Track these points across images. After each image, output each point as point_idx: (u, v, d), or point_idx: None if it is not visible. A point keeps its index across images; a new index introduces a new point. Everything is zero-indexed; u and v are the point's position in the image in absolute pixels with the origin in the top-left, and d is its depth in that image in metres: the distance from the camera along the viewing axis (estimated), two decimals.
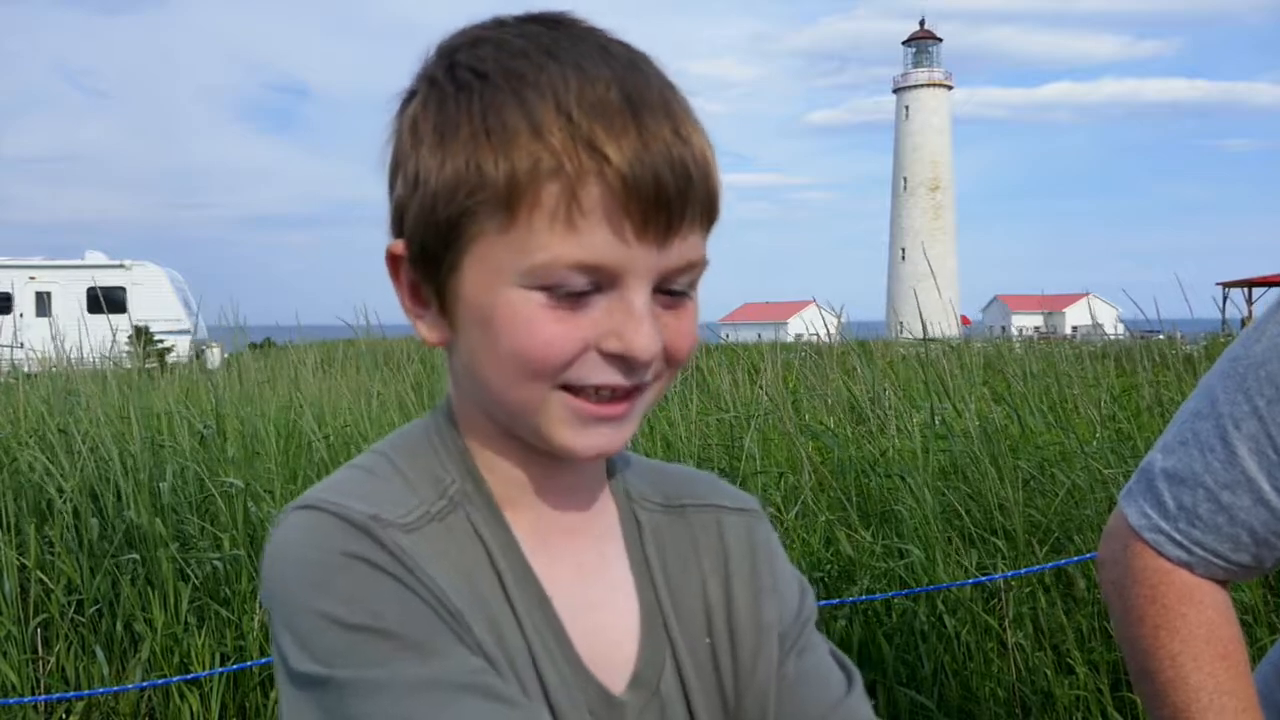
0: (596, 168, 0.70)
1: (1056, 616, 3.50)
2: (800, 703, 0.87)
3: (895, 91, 65.14)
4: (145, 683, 3.66)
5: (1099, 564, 1.24)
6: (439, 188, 0.74)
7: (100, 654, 3.74)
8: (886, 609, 3.67)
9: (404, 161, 0.76)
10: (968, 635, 3.49)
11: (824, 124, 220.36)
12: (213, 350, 10.54)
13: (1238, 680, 1.11)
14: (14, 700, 3.55)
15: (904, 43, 66.52)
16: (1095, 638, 3.43)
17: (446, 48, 0.77)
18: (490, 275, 0.73)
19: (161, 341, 14.35)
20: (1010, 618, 3.42)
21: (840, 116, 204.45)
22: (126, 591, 3.90)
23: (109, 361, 7.34)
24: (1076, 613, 3.51)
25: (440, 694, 0.70)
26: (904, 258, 60.31)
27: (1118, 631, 1.20)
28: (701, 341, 0.83)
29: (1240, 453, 1.11)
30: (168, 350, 12.77)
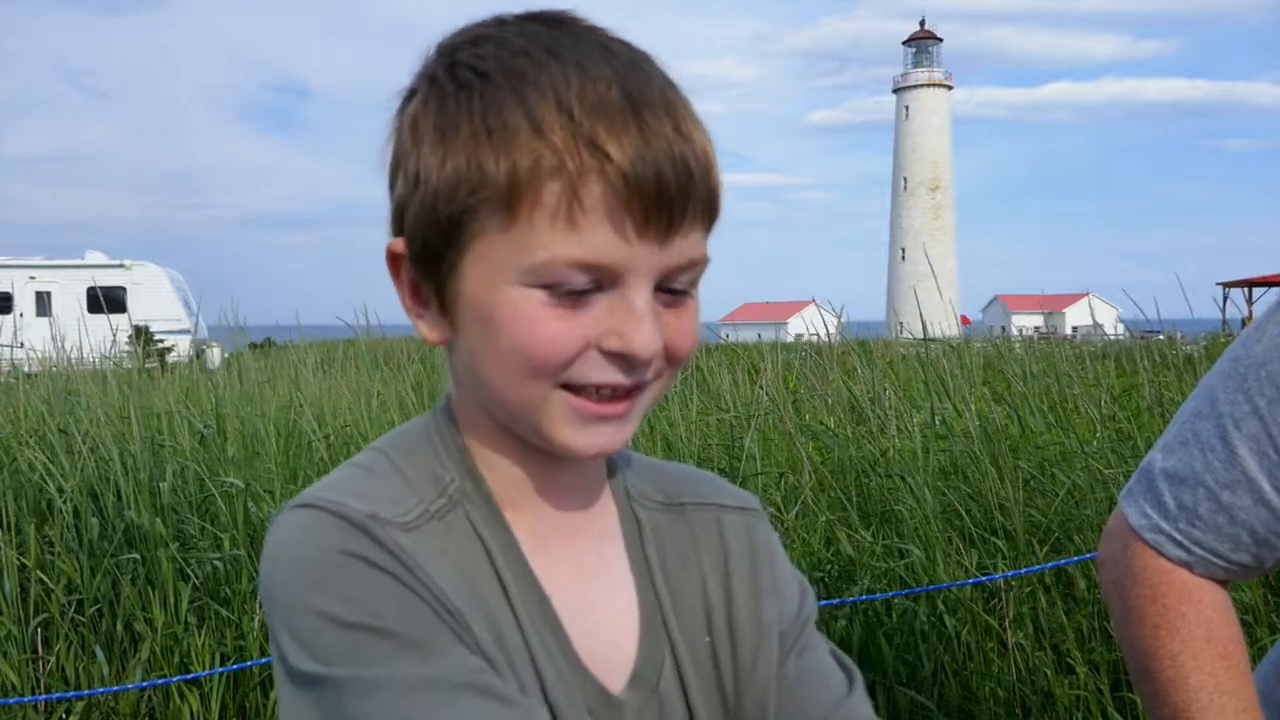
0: (598, 166, 0.70)
1: (1057, 616, 3.50)
2: (801, 703, 0.87)
3: (895, 91, 65.14)
4: (145, 683, 3.66)
5: (1099, 564, 1.23)
6: (440, 186, 0.73)
7: (100, 654, 3.74)
8: (887, 609, 3.67)
9: (404, 160, 0.76)
10: (968, 635, 3.49)
11: (824, 124, 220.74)
12: (213, 350, 10.53)
13: (1238, 680, 1.11)
14: (14, 700, 3.55)
15: (904, 43, 66.53)
16: (1095, 638, 3.43)
17: (447, 46, 0.77)
18: (491, 273, 0.73)
19: (161, 341, 14.34)
20: (1010, 618, 3.42)
21: (840, 116, 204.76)
22: (126, 591, 3.90)
23: (109, 361, 7.34)
24: (1077, 613, 3.51)
25: (439, 693, 0.70)
26: (904, 258, 60.31)
27: (1118, 631, 1.20)
28: (701, 341, 0.83)
29: (1241, 453, 1.11)
30: (168, 350, 12.76)
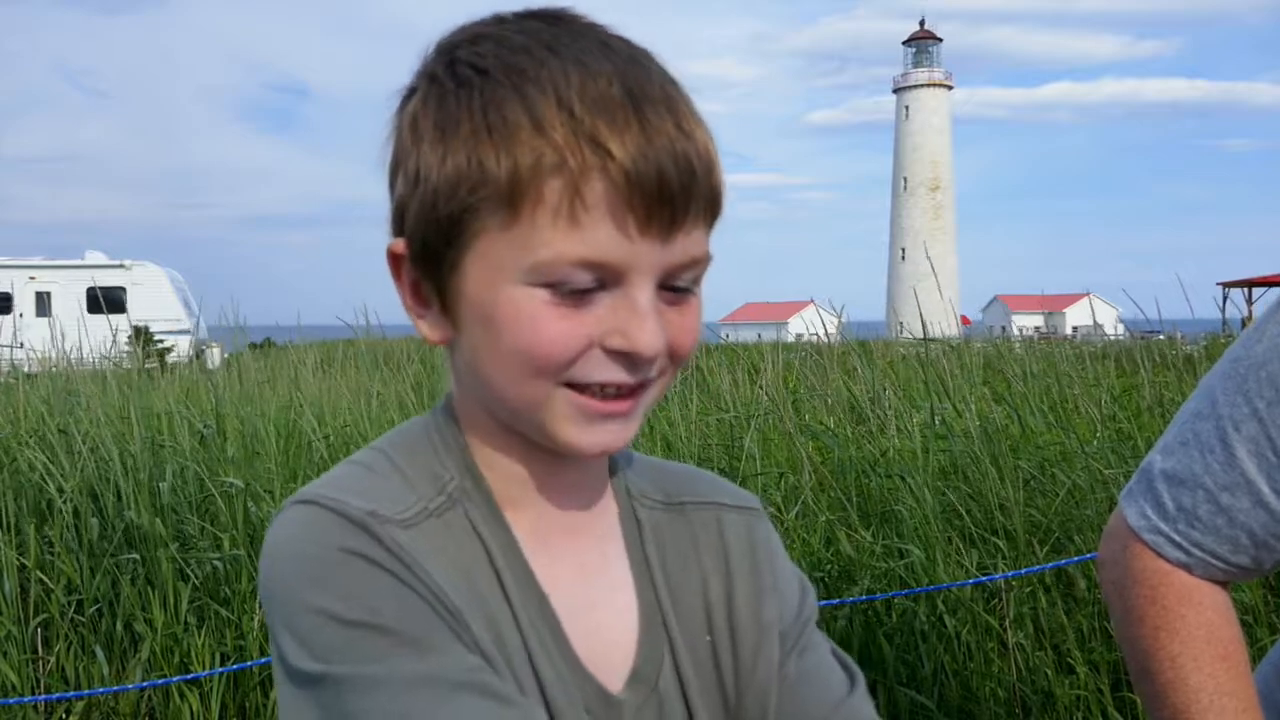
0: (599, 163, 0.70)
1: (1057, 616, 3.50)
2: (801, 702, 0.86)
3: (895, 91, 65.14)
4: (145, 683, 3.65)
5: (1099, 564, 1.23)
6: (440, 184, 0.73)
7: (100, 654, 3.74)
8: (887, 609, 3.67)
9: (404, 159, 0.76)
10: (968, 635, 3.49)
11: (824, 124, 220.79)
12: (213, 350, 10.53)
13: (1238, 681, 1.11)
14: (14, 700, 3.55)
15: (904, 43, 66.53)
16: (1096, 638, 3.42)
17: (446, 44, 0.77)
18: (493, 272, 0.73)
19: (161, 341, 14.34)
20: (1011, 618, 3.42)
21: (840, 116, 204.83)
22: (126, 591, 3.90)
23: (109, 361, 7.34)
24: (1077, 613, 3.51)
25: (437, 691, 0.70)
26: (904, 258, 60.31)
27: (1118, 632, 1.20)
28: (702, 341, 0.83)
29: (1240, 454, 1.11)
30: (168, 350, 12.76)
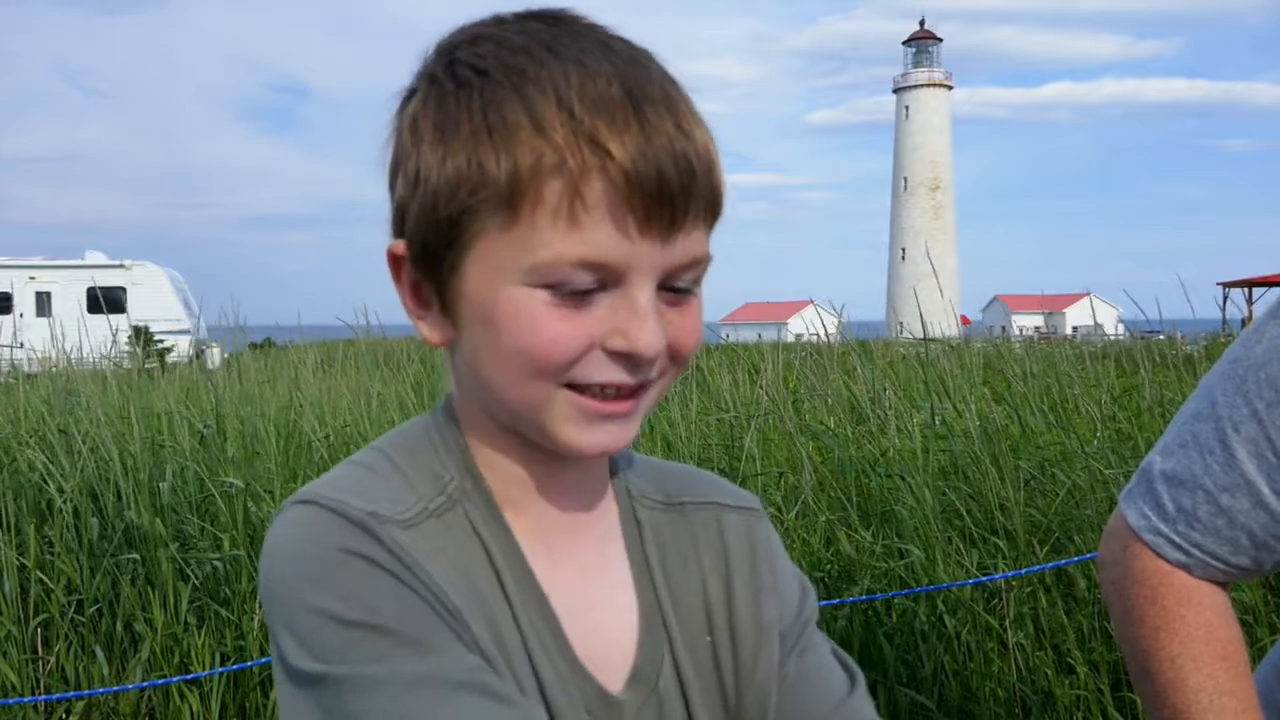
0: (599, 163, 0.70)
1: (1057, 616, 3.50)
2: (802, 703, 0.86)
3: (895, 91, 65.15)
4: (145, 683, 3.66)
5: (1099, 564, 1.23)
6: (440, 186, 0.73)
7: (100, 654, 3.74)
8: (887, 609, 3.67)
9: (404, 161, 0.76)
10: (968, 635, 3.49)
11: (824, 124, 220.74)
12: (213, 350, 10.53)
13: (1237, 681, 1.11)
14: (14, 700, 3.55)
15: (904, 43, 66.55)
16: (1096, 638, 3.42)
17: (446, 45, 0.77)
18: (493, 273, 0.73)
19: (161, 341, 14.34)
20: (1011, 618, 3.42)
21: (840, 116, 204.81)
22: (126, 591, 3.90)
23: (108, 361, 7.34)
24: (1077, 613, 3.51)
25: (437, 691, 0.70)
26: (904, 258, 60.32)
27: (1118, 632, 1.20)
28: (702, 341, 0.83)
29: (1239, 455, 1.11)
30: (168, 350, 12.77)
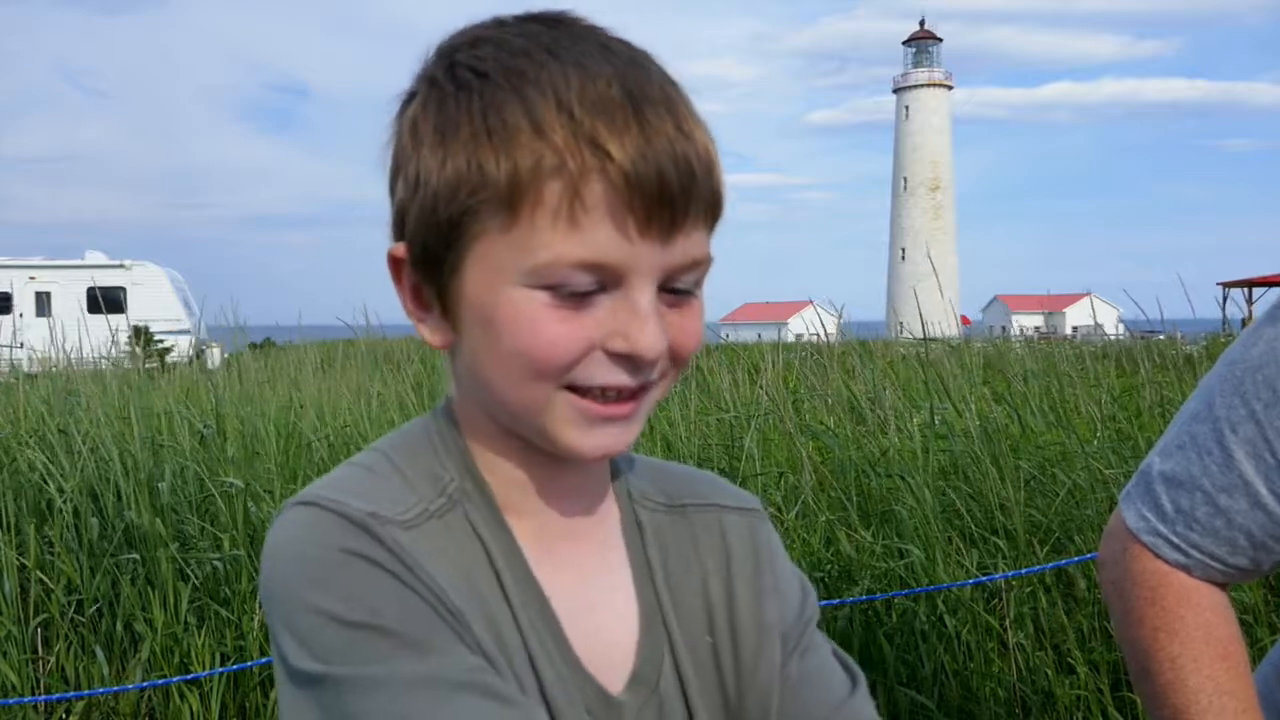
0: (599, 165, 0.70)
1: (1057, 616, 3.50)
2: (803, 703, 0.87)
3: (895, 91, 65.18)
4: (145, 683, 3.66)
5: (1099, 564, 1.24)
6: (440, 188, 0.73)
7: (100, 654, 3.74)
8: (887, 609, 3.67)
9: (404, 163, 0.76)
10: (968, 635, 3.49)
11: (824, 124, 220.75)
12: (213, 350, 10.54)
13: (1237, 681, 1.11)
14: (14, 700, 3.55)
15: (904, 43, 66.58)
16: (1096, 638, 3.43)
17: (446, 48, 0.77)
18: (493, 275, 0.73)
19: (161, 341, 14.34)
20: (1011, 618, 3.42)
21: (840, 116, 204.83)
22: (126, 591, 3.90)
23: (106, 362, 7.34)
24: (1077, 613, 3.51)
25: (438, 691, 0.70)
26: (904, 258, 60.34)
27: (1118, 632, 1.21)
28: (702, 343, 0.83)
29: (1237, 456, 1.11)
30: (168, 350, 12.77)
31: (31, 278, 22.81)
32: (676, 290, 0.75)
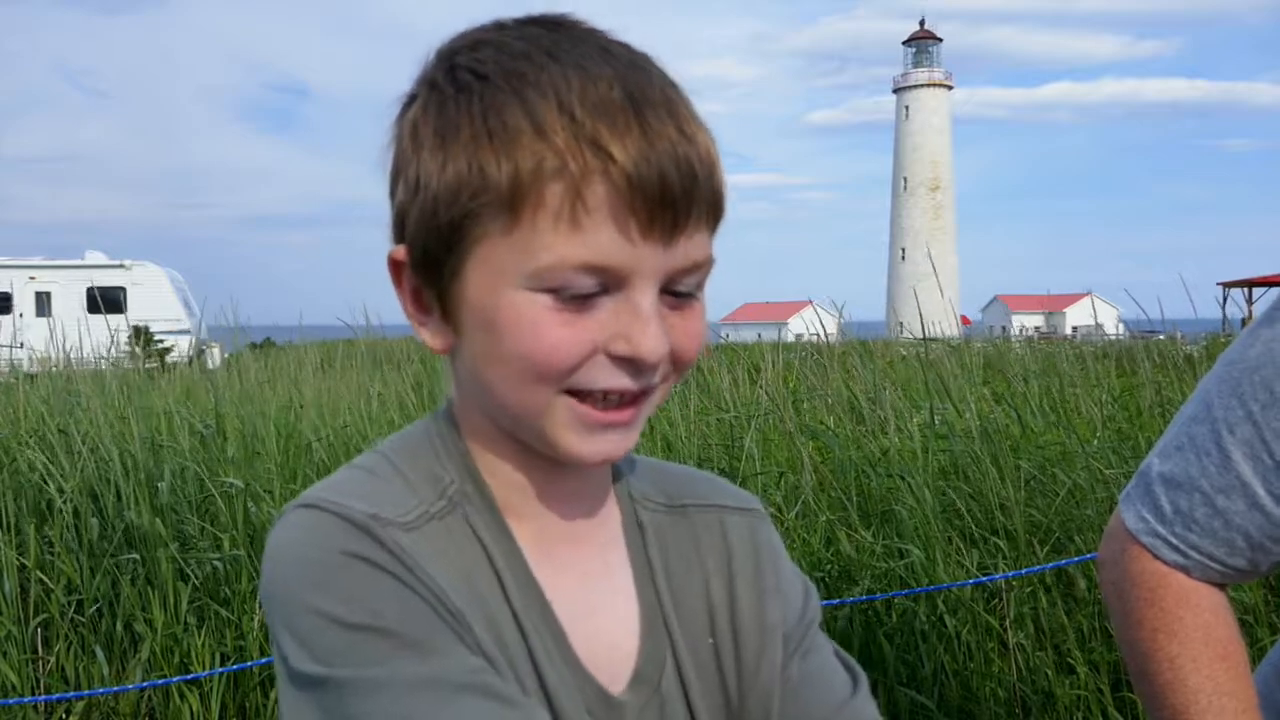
0: (601, 166, 0.70)
1: (1057, 617, 3.50)
2: (805, 704, 0.87)
3: (895, 91, 65.17)
4: (145, 683, 3.66)
5: (1099, 564, 1.24)
6: (440, 190, 0.73)
7: (100, 654, 3.74)
8: (887, 609, 3.67)
9: (405, 166, 0.76)
10: (968, 635, 3.49)
11: (824, 124, 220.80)
12: (213, 350, 10.53)
13: (1237, 681, 1.11)
14: (14, 700, 3.55)
15: (904, 43, 66.57)
16: (1096, 638, 3.43)
17: (446, 51, 0.77)
18: (494, 277, 0.73)
19: (161, 341, 14.34)
20: (1011, 618, 3.42)
21: (840, 116, 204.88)
22: (126, 591, 3.90)
23: (104, 362, 7.34)
24: (1077, 613, 3.51)
25: (439, 693, 0.70)
26: (904, 258, 60.33)
27: (1117, 633, 1.21)
28: (704, 346, 0.82)
29: (1235, 457, 1.11)
30: (168, 350, 12.77)
31: (31, 278, 22.82)
32: (678, 293, 0.75)
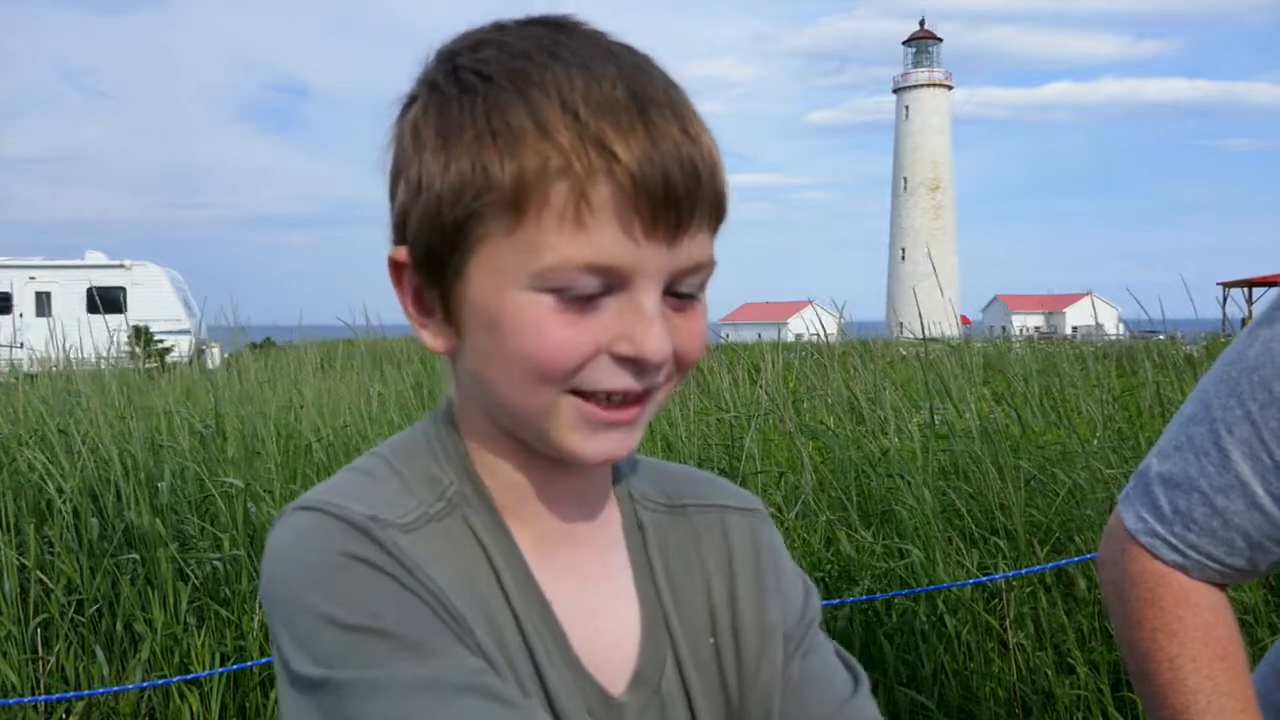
0: (606, 166, 0.70)
1: (1057, 616, 3.50)
2: (805, 704, 0.87)
3: (895, 91, 65.19)
4: (145, 683, 3.66)
5: (1099, 564, 1.24)
6: (443, 191, 0.73)
7: (100, 654, 3.74)
8: (887, 609, 3.67)
9: (406, 167, 0.76)
10: (968, 635, 3.49)
11: (824, 124, 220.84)
12: (213, 350, 10.53)
13: (1236, 681, 1.11)
14: (14, 700, 3.55)
15: (904, 43, 66.60)
16: (1096, 638, 3.43)
17: (447, 52, 0.77)
18: (497, 278, 0.73)
19: (161, 341, 14.34)
20: (1011, 618, 3.42)
21: (840, 116, 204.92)
22: (126, 591, 3.90)
23: (104, 361, 7.34)
24: (1077, 613, 3.51)
25: (438, 694, 0.70)
26: (904, 258, 60.35)
27: (1117, 633, 1.21)
28: (706, 347, 0.82)
29: (1234, 457, 1.11)
30: (168, 350, 12.77)
31: (31, 278, 22.82)
32: (680, 294, 0.75)
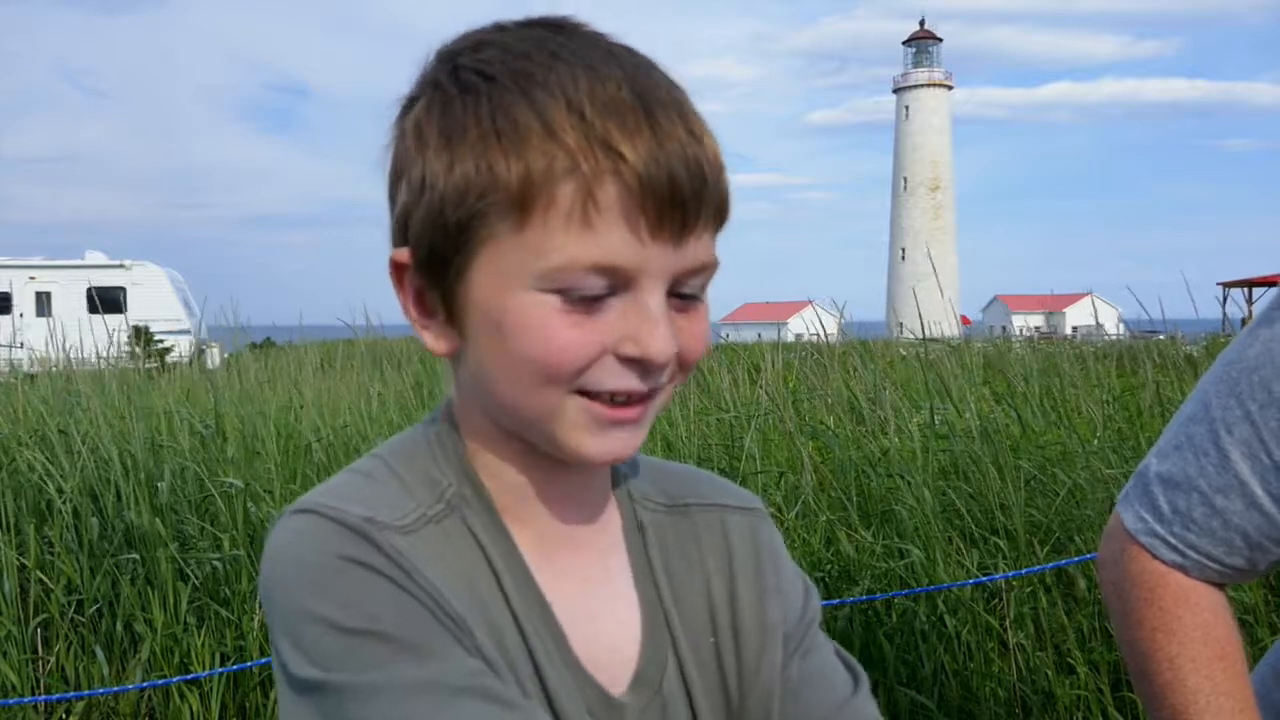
0: (612, 167, 0.70)
1: (1057, 617, 3.50)
2: (805, 704, 0.87)
3: (895, 91, 65.18)
4: (145, 683, 3.66)
5: (1099, 564, 1.24)
6: (447, 191, 0.73)
7: (100, 654, 3.74)
8: (887, 609, 3.67)
9: (408, 168, 0.75)
10: (968, 635, 3.49)
11: (824, 124, 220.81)
12: (213, 350, 10.53)
13: (1235, 681, 1.11)
14: (14, 700, 3.55)
15: (904, 43, 66.59)
16: (1096, 638, 3.43)
17: (448, 52, 0.76)
18: (502, 278, 0.73)
19: (161, 341, 14.34)
20: (1011, 618, 3.42)
21: (840, 116, 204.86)
22: (126, 591, 3.90)
23: (104, 361, 7.33)
24: (1077, 613, 3.51)
25: (438, 696, 0.70)
26: (904, 258, 60.35)
27: (1117, 633, 1.21)
28: (708, 347, 0.83)
29: (1233, 457, 1.11)
30: (167, 350, 12.77)
31: (31, 278, 22.82)
32: (683, 295, 0.75)
